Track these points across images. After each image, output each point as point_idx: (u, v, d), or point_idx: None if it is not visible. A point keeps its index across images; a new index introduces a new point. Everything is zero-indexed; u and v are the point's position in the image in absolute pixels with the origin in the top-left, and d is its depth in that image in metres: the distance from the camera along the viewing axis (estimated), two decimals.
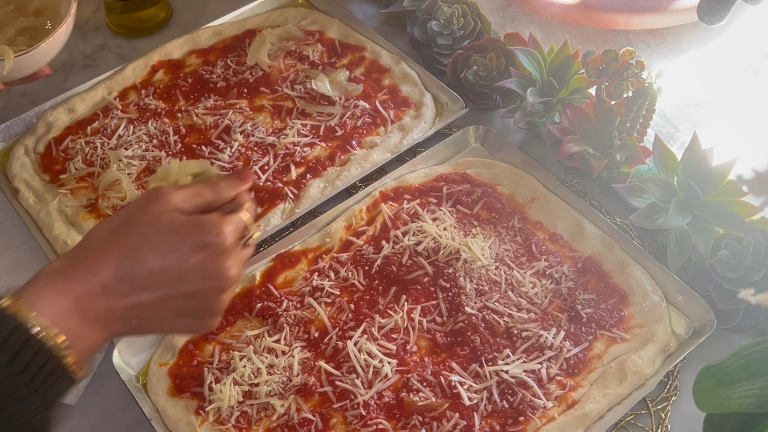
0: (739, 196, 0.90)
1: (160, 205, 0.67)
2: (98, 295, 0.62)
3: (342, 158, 1.06)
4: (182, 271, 0.65)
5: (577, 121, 1.01)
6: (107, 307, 0.62)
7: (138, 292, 0.64)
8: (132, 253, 0.64)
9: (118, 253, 0.63)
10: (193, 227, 0.66)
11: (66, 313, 0.59)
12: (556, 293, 0.91)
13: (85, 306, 0.61)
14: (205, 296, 0.67)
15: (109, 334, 0.64)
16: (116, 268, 0.63)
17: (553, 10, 1.19)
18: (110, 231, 0.66)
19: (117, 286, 0.63)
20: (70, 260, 0.63)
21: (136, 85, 1.15)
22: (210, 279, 0.67)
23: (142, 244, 0.64)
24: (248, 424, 0.82)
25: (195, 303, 0.67)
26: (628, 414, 0.84)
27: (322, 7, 1.27)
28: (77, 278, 0.61)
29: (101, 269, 0.62)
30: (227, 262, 0.67)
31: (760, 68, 1.16)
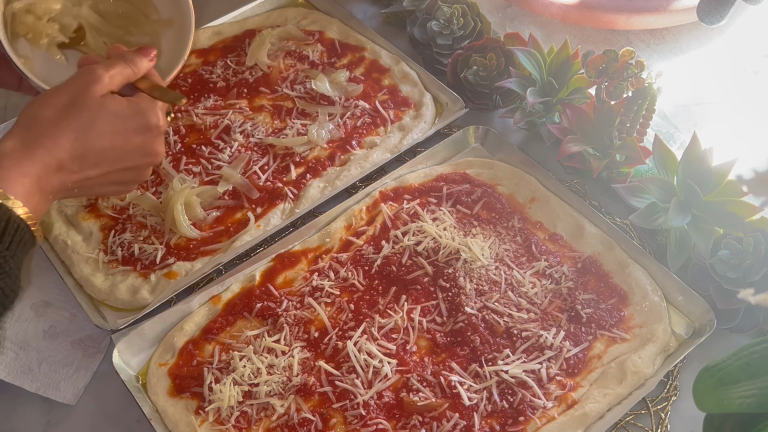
0: (739, 196, 0.90)
1: (98, 85, 0.76)
2: (54, 172, 0.71)
3: (342, 158, 1.06)
4: (126, 150, 0.77)
5: (577, 121, 1.01)
6: (60, 182, 0.72)
7: (87, 169, 0.74)
8: (84, 134, 0.73)
9: (72, 134, 0.73)
10: (136, 111, 0.78)
11: (31, 191, 0.69)
12: (556, 293, 0.91)
13: (44, 183, 0.70)
14: (139, 169, 0.81)
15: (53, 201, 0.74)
16: (71, 147, 0.72)
17: (553, 10, 1.19)
18: (58, 111, 0.74)
19: (70, 164, 0.73)
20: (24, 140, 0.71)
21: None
22: (148, 156, 0.80)
23: (93, 127, 0.74)
24: (248, 424, 0.82)
25: (128, 175, 0.80)
26: (628, 414, 0.84)
27: (322, 7, 1.27)
28: (37, 159, 0.70)
29: (57, 149, 0.72)
30: (160, 144, 0.81)
31: (760, 68, 1.16)
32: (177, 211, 0.96)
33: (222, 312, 0.91)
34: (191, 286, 0.94)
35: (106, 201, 1.00)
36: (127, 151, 0.77)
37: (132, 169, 0.80)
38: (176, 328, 0.90)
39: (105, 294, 0.93)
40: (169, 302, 0.93)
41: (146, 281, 0.93)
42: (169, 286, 0.93)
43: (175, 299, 0.94)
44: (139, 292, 0.92)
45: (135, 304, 0.92)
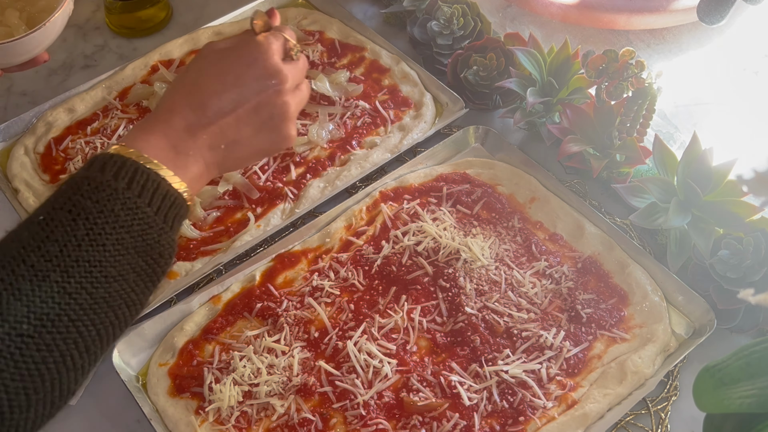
0: (739, 196, 0.90)
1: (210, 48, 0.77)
2: (182, 129, 0.70)
3: (342, 158, 1.06)
4: (242, 86, 0.74)
5: (577, 121, 1.01)
6: (193, 137, 0.71)
7: (213, 117, 0.72)
8: (195, 86, 0.73)
9: (185, 91, 0.73)
10: (236, 46, 0.76)
11: (162, 149, 0.68)
12: (556, 293, 0.91)
13: (175, 141, 0.69)
14: (270, 102, 0.75)
15: (204, 163, 0.72)
16: (187, 102, 0.72)
17: (553, 10, 1.19)
18: (176, 81, 0.75)
19: (193, 116, 0.71)
20: (153, 113, 0.72)
21: (136, 84, 1.15)
22: (266, 83, 0.74)
23: (201, 76, 0.74)
24: (248, 424, 0.82)
25: (264, 111, 0.75)
26: (628, 414, 0.84)
27: (322, 7, 1.27)
28: (161, 119, 0.71)
29: (177, 109, 0.71)
30: (276, 66, 0.75)
31: (760, 68, 1.16)
32: None
33: (222, 312, 0.91)
34: (191, 286, 0.94)
35: None
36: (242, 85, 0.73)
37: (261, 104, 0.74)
38: (176, 328, 0.90)
39: None
40: (169, 302, 0.93)
41: None
42: (169, 286, 0.93)
43: (175, 299, 0.94)
44: None
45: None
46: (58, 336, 0.57)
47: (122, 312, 0.62)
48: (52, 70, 1.24)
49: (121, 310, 0.62)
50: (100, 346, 0.61)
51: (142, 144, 0.67)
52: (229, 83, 0.73)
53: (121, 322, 0.63)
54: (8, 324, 0.55)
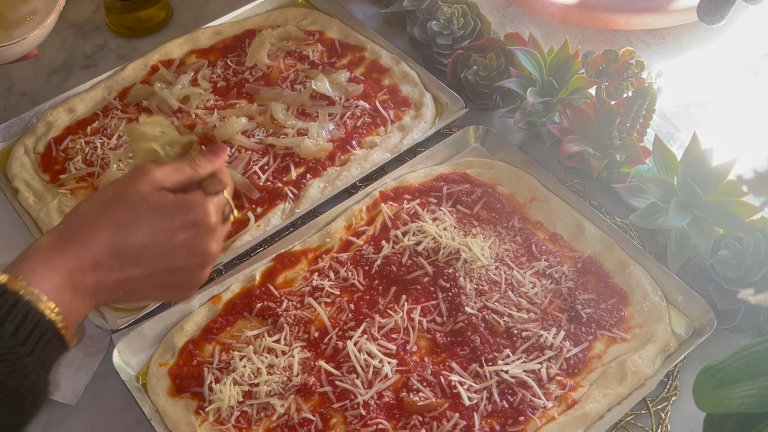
0: (739, 196, 0.90)
1: (146, 182, 0.70)
2: (90, 270, 0.65)
3: (342, 158, 1.06)
4: (169, 248, 0.69)
5: (577, 121, 1.01)
6: (97, 281, 0.65)
7: (127, 267, 0.67)
8: (123, 229, 0.66)
9: (110, 229, 0.66)
10: (181, 206, 0.69)
11: (60, 288, 0.62)
12: (556, 293, 0.91)
13: (78, 280, 0.64)
14: (189, 271, 0.72)
15: (95, 304, 0.67)
16: (108, 242, 0.66)
17: (553, 10, 1.19)
18: (99, 206, 0.68)
19: (108, 260, 0.66)
20: (61, 235, 0.66)
21: (136, 85, 1.15)
22: (195, 255, 0.71)
23: (132, 221, 0.67)
24: (248, 424, 0.82)
25: (178, 277, 0.71)
26: (628, 414, 0.84)
27: (322, 7, 1.27)
28: (71, 254, 0.64)
29: (93, 244, 0.65)
30: (211, 240, 0.72)
31: (760, 68, 1.16)
32: None
33: (222, 312, 0.91)
34: None
35: None
36: (170, 249, 0.69)
37: (180, 270, 0.71)
38: (176, 328, 0.90)
39: None
40: (169, 302, 0.93)
41: None
42: None
43: None
44: None
45: (135, 304, 0.92)
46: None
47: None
48: (52, 70, 1.24)
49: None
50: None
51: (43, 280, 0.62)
52: (158, 240, 0.68)
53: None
54: None
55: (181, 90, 1.12)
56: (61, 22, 1.31)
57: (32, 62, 1.24)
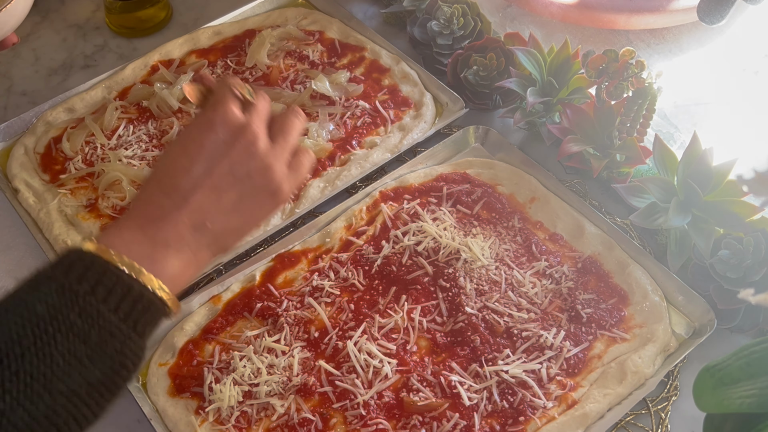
0: (739, 196, 0.90)
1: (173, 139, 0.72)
2: (159, 219, 0.65)
3: (342, 158, 1.06)
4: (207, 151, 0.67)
5: (577, 121, 1.01)
6: (172, 224, 0.65)
7: (187, 193, 0.66)
8: (163, 171, 0.68)
9: (156, 180, 0.68)
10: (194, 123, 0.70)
11: (138, 245, 0.62)
12: (556, 293, 0.91)
13: (152, 233, 0.63)
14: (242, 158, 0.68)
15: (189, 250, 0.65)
16: (159, 189, 0.67)
17: (553, 10, 1.19)
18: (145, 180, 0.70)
19: (168, 201, 0.65)
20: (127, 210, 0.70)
21: (136, 85, 1.15)
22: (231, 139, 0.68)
23: (167, 159, 0.69)
24: (248, 424, 0.82)
25: (241, 170, 0.68)
26: (628, 414, 0.84)
27: (322, 7, 1.27)
28: (134, 215, 0.65)
29: (150, 199, 0.66)
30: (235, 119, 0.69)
31: (760, 68, 1.16)
32: None
33: (222, 312, 0.91)
34: (191, 286, 0.94)
35: (106, 201, 1.00)
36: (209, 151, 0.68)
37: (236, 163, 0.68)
38: (176, 327, 0.90)
39: None
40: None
41: None
42: None
43: None
44: None
45: None
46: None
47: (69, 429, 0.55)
48: (52, 70, 1.24)
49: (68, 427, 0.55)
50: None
51: (117, 241, 0.62)
52: (194, 155, 0.67)
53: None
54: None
55: (181, 90, 1.11)
56: (61, 22, 1.31)
57: (32, 62, 1.25)
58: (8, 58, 1.24)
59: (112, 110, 1.09)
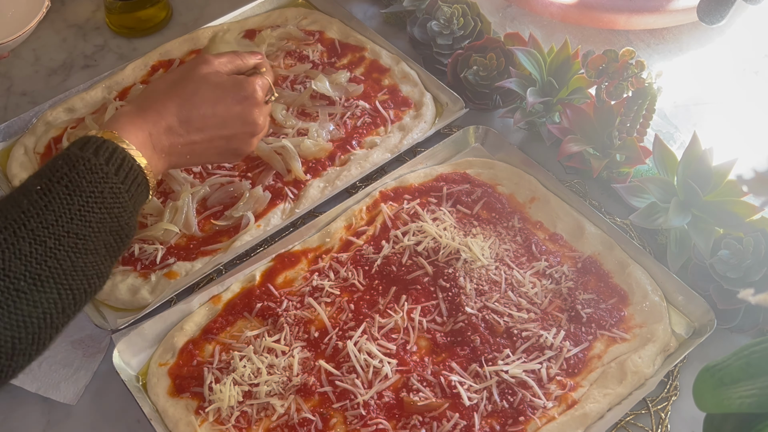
0: (739, 196, 0.90)
1: (206, 66, 0.86)
2: (164, 133, 0.80)
3: (342, 158, 1.06)
4: (226, 117, 0.85)
5: (577, 121, 1.01)
6: (170, 143, 0.81)
7: (193, 132, 0.83)
8: (189, 101, 0.82)
9: (179, 101, 0.82)
10: (235, 83, 0.87)
11: (143, 144, 0.77)
12: (556, 293, 0.91)
13: (155, 140, 0.79)
14: (242, 138, 0.88)
15: (168, 164, 0.82)
16: (177, 112, 0.81)
17: (553, 10, 1.19)
18: (169, 84, 0.84)
19: (178, 126, 0.81)
20: (140, 105, 0.81)
21: (136, 84, 1.15)
22: (247, 125, 0.87)
23: (196, 94, 0.83)
24: (248, 424, 0.82)
25: (233, 144, 0.87)
26: (628, 414, 0.84)
27: (322, 7, 1.27)
28: (149, 119, 0.79)
29: (166, 113, 0.81)
30: (259, 112, 0.88)
31: (760, 68, 1.16)
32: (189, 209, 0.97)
33: (222, 312, 0.91)
34: (191, 286, 0.94)
35: None
36: (227, 118, 0.85)
37: (234, 137, 0.87)
38: (176, 328, 0.90)
39: (105, 294, 0.93)
40: (169, 302, 0.93)
41: (146, 281, 0.93)
42: (169, 286, 0.93)
43: (175, 299, 0.94)
44: (139, 292, 0.92)
45: (135, 304, 0.92)
46: (44, 295, 0.64)
47: (93, 282, 0.69)
48: (52, 70, 1.24)
49: (92, 280, 0.69)
50: (73, 309, 0.67)
51: (130, 136, 0.76)
52: (218, 111, 0.84)
53: (92, 290, 0.69)
54: (8, 279, 0.62)
55: None
56: (61, 22, 1.31)
57: (32, 62, 1.25)
58: (8, 59, 1.24)
59: (112, 110, 1.09)
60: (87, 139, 0.72)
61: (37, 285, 0.63)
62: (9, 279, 0.61)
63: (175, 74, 0.86)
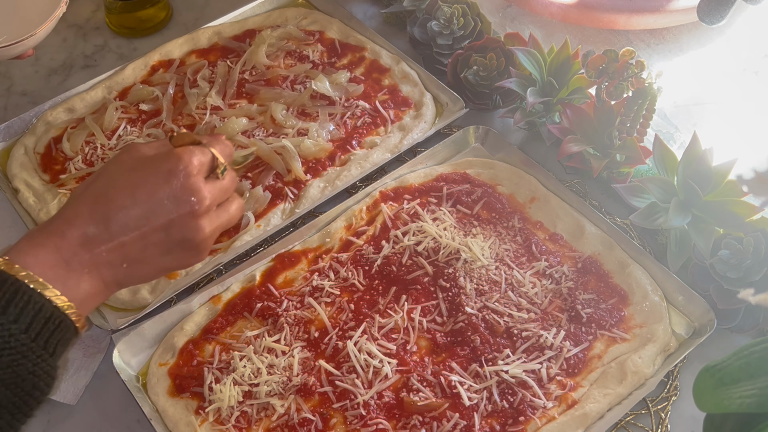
0: (739, 196, 0.90)
1: (126, 152, 0.71)
2: (79, 243, 0.64)
3: (342, 158, 1.06)
4: (153, 202, 0.68)
5: (577, 121, 1.01)
6: (90, 254, 0.65)
7: (116, 233, 0.66)
8: (103, 197, 0.67)
9: (91, 200, 0.67)
10: (155, 160, 0.69)
11: (50, 264, 0.62)
12: (556, 293, 0.91)
13: (69, 256, 0.63)
14: (183, 223, 0.69)
15: (102, 281, 0.66)
16: (90, 213, 0.66)
17: (553, 10, 1.19)
18: (84, 185, 0.69)
19: (94, 230, 0.65)
20: (50, 219, 0.67)
21: (136, 84, 1.15)
22: (181, 203, 0.69)
23: (111, 187, 0.67)
24: (248, 424, 0.82)
25: (175, 233, 0.69)
26: (628, 414, 0.84)
27: (322, 7, 1.27)
28: (55, 231, 0.64)
29: (77, 218, 0.65)
30: (196, 185, 0.70)
31: (760, 68, 1.16)
32: None
33: (222, 312, 0.91)
34: (191, 286, 0.94)
35: None
36: (154, 204, 0.68)
37: (172, 224, 0.69)
38: (176, 328, 0.90)
39: None
40: (170, 302, 0.93)
41: None
42: (170, 286, 0.93)
43: (175, 299, 0.94)
44: (139, 292, 0.92)
45: (135, 304, 0.92)
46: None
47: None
48: (52, 70, 1.24)
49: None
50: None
51: (30, 259, 0.61)
52: (139, 198, 0.67)
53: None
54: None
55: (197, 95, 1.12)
56: (61, 22, 1.30)
57: (32, 62, 1.25)
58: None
59: (113, 110, 1.09)
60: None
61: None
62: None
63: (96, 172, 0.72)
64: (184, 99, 1.12)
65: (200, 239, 0.71)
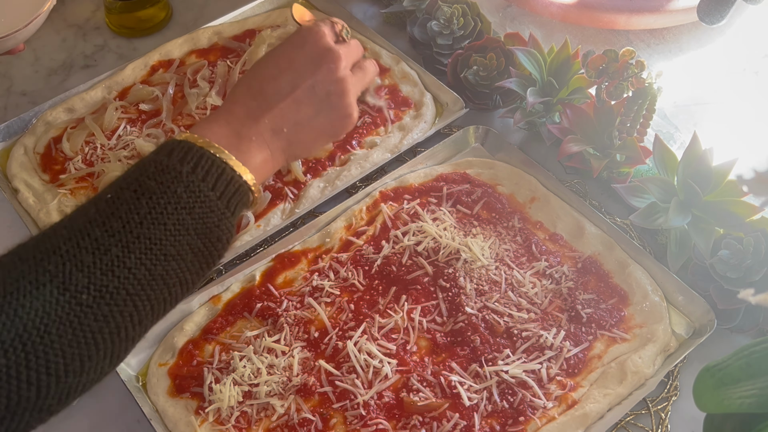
0: (739, 196, 0.90)
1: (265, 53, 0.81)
2: (244, 116, 0.74)
3: (342, 158, 1.06)
4: (295, 68, 0.77)
5: (577, 121, 1.01)
6: (256, 123, 0.74)
7: (272, 99, 0.75)
8: (256, 77, 0.77)
9: (246, 83, 0.77)
10: (288, 38, 0.80)
11: (226, 136, 0.71)
12: (556, 293, 0.91)
13: (237, 127, 0.73)
14: (325, 80, 0.78)
15: (268, 148, 0.74)
16: (248, 91, 0.76)
17: (553, 10, 1.19)
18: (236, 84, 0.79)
19: (254, 103, 0.75)
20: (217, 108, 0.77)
21: (136, 84, 1.15)
22: (318, 63, 0.78)
23: (258, 68, 0.78)
24: (248, 424, 0.82)
25: (320, 89, 0.77)
26: (628, 414, 0.84)
27: (322, 7, 1.27)
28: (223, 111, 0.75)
29: (238, 99, 0.75)
30: (326, 45, 0.79)
31: (760, 68, 1.16)
32: None
33: (222, 312, 0.91)
34: None
35: None
36: (296, 68, 0.77)
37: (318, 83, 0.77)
38: (176, 328, 0.90)
39: None
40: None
41: None
42: None
43: None
44: None
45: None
46: (115, 308, 0.59)
47: (176, 290, 0.64)
48: (52, 70, 1.24)
49: (175, 288, 0.64)
50: (151, 320, 0.63)
51: (208, 133, 0.70)
52: (283, 67, 0.77)
53: (174, 299, 0.64)
54: (69, 293, 0.57)
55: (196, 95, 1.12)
56: (61, 22, 1.31)
57: (32, 62, 1.25)
58: (8, 58, 1.24)
59: (112, 110, 1.09)
60: (163, 144, 0.68)
61: (105, 298, 0.58)
62: (70, 293, 0.57)
63: None
64: (184, 99, 1.12)
65: (342, 91, 0.79)
